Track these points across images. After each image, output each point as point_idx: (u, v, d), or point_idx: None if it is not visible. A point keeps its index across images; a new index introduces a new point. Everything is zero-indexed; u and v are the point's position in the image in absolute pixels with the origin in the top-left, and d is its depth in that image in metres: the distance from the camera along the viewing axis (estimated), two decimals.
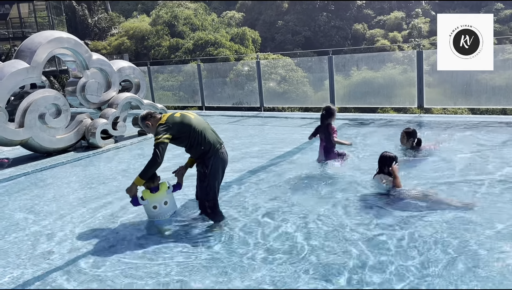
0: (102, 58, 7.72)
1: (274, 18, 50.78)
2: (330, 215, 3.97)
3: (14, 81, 6.36)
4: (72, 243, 3.84)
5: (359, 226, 3.71)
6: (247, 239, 3.63)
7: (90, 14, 46.58)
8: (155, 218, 4.07)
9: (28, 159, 6.89)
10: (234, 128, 8.80)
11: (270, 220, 3.98)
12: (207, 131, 3.99)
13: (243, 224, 3.94)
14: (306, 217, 3.99)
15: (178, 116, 3.98)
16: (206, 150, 3.93)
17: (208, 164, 3.93)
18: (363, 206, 4.14)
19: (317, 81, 10.97)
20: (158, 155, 3.77)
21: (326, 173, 5.19)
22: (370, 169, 4.91)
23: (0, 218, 4.53)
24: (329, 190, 4.63)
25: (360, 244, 3.38)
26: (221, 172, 4.07)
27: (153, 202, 3.98)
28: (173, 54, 40.35)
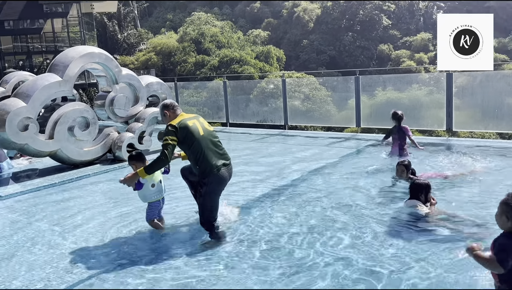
0: (131, 73, 7.87)
1: (299, 37, 51.11)
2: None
3: (46, 94, 6.53)
4: (96, 256, 3.84)
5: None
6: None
7: (120, 30, 47.96)
8: (151, 198, 4.18)
9: (55, 170, 7.01)
10: (258, 145, 8.78)
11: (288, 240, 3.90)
12: (208, 152, 3.98)
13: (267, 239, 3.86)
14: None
15: (190, 124, 3.99)
16: (202, 170, 3.98)
17: (203, 183, 4.00)
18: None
19: (340, 100, 10.92)
20: (166, 155, 3.89)
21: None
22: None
23: (27, 229, 4.57)
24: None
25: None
26: (220, 191, 4.11)
27: (151, 181, 4.14)
28: (198, 70, 40.99)
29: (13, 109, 6.15)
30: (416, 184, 4.35)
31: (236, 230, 4.23)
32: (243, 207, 4.86)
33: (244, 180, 5.97)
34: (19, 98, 6.39)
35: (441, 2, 51.09)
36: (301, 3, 52.87)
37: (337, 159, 7.05)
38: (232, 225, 4.33)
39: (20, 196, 5.76)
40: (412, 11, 50.75)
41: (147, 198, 4.22)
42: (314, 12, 52.32)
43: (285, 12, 53.97)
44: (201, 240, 4.09)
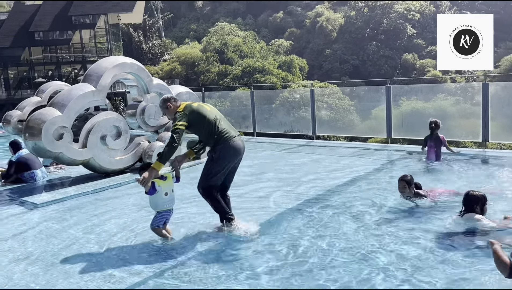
0: (162, 83, 7.95)
1: (322, 47, 50.98)
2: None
3: (81, 103, 6.65)
4: (131, 265, 3.82)
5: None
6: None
7: (145, 40, 48.88)
8: (163, 206, 4.17)
9: (87, 178, 7.09)
10: (287, 155, 8.71)
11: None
12: (220, 122, 4.25)
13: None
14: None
15: (195, 105, 4.31)
16: (218, 138, 4.17)
17: (216, 150, 4.17)
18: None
19: (364, 110, 10.79)
20: (175, 140, 4.03)
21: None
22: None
23: (62, 237, 4.61)
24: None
25: None
26: (229, 162, 4.24)
27: (165, 189, 4.15)
28: (221, 80, 41.32)
29: (49, 118, 6.27)
30: (472, 195, 4.14)
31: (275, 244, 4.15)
32: (275, 219, 4.79)
33: (275, 191, 5.91)
34: (54, 107, 6.51)
35: (467, 10, 50.18)
36: (325, 12, 52.82)
37: (371, 169, 6.92)
38: (254, 238, 4.25)
39: (54, 204, 5.84)
40: (437, 19, 50.01)
41: (159, 206, 4.21)
42: (337, 22, 52.17)
43: (308, 21, 54.00)
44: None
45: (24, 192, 6.49)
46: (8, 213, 5.58)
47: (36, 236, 4.67)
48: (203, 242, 4.25)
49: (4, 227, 5.01)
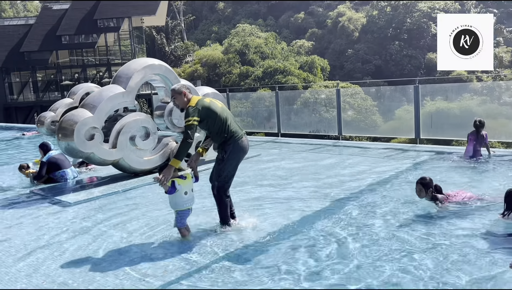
0: (189, 84, 8.01)
1: (344, 47, 50.60)
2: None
3: (111, 105, 6.77)
4: (165, 264, 3.86)
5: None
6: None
7: (168, 42, 49.50)
8: (182, 206, 4.21)
9: (116, 178, 7.21)
10: (314, 156, 8.67)
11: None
12: (230, 121, 4.33)
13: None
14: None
15: (208, 101, 4.36)
16: (228, 137, 4.25)
17: (227, 150, 4.25)
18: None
19: (387, 110, 10.67)
20: (189, 135, 4.10)
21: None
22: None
23: (96, 235, 4.69)
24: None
25: None
26: (238, 161, 4.39)
27: (185, 188, 4.19)
28: (242, 81, 41.48)
29: (80, 120, 6.41)
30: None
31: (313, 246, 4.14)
32: (301, 221, 4.77)
33: (303, 192, 5.89)
34: (85, 108, 6.66)
35: (494, 8, 48.97)
36: (346, 12, 52.41)
37: (401, 170, 6.82)
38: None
39: (87, 203, 5.96)
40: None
41: (178, 205, 4.24)
42: (359, 21, 51.69)
43: (330, 22, 53.68)
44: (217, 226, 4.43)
45: (57, 191, 6.66)
46: (43, 211, 5.72)
47: (70, 234, 4.76)
48: (231, 242, 4.26)
49: (40, 225, 5.14)
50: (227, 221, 4.52)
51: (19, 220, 5.36)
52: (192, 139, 4.14)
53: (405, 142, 13.73)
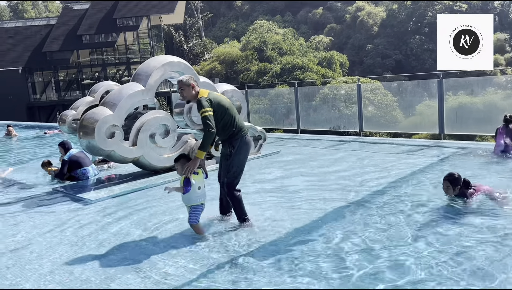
0: (208, 81, 7.99)
1: (363, 42, 49.98)
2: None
3: (130, 102, 6.79)
4: (186, 263, 3.83)
5: None
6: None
7: (186, 40, 49.76)
8: (195, 201, 4.22)
9: (136, 176, 7.24)
10: (334, 153, 8.54)
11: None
12: (237, 116, 4.44)
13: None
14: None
15: (218, 95, 4.52)
16: (235, 131, 4.33)
17: (235, 145, 4.33)
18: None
19: (408, 105, 10.46)
20: (210, 125, 4.15)
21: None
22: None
23: (117, 233, 4.69)
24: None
25: None
26: (246, 157, 4.46)
27: (198, 183, 4.22)
28: (260, 78, 41.39)
29: (101, 118, 6.45)
30: None
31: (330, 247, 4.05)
32: (323, 219, 4.68)
33: (325, 189, 5.79)
34: (106, 106, 6.69)
35: None
36: (365, 7, 51.72)
37: (425, 166, 6.66)
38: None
39: (108, 200, 5.99)
40: (486, 10, 47.80)
41: (192, 200, 4.24)
42: (379, 16, 50.97)
43: (348, 17, 53.09)
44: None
45: (78, 189, 6.72)
46: (65, 209, 5.77)
47: (92, 232, 4.78)
48: (252, 238, 4.20)
49: (62, 223, 5.17)
50: (245, 217, 4.51)
51: (42, 218, 5.42)
52: (214, 128, 4.17)
53: (427, 137, 13.45)
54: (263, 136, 8.56)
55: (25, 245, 4.49)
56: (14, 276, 3.76)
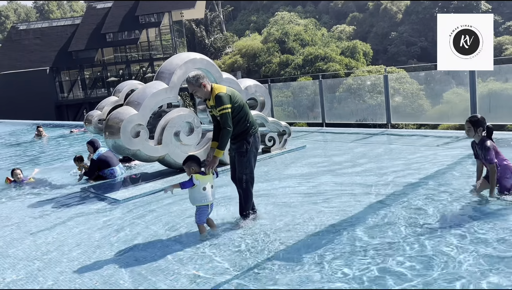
0: (231, 77, 7.91)
1: (387, 30, 48.91)
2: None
3: (154, 101, 6.78)
4: (214, 263, 3.78)
5: None
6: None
7: (207, 35, 49.82)
8: (200, 201, 4.25)
9: (161, 174, 7.25)
10: (362, 146, 8.34)
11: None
12: (250, 114, 4.48)
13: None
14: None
15: (233, 90, 4.49)
16: (249, 127, 4.36)
17: (249, 141, 4.34)
18: None
19: (435, 94, 10.11)
20: (229, 124, 4.17)
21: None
22: None
23: (145, 233, 4.69)
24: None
25: None
26: (257, 151, 4.53)
27: (203, 184, 4.22)
28: (283, 70, 41.06)
29: (126, 117, 6.46)
30: None
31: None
32: (357, 217, 4.54)
33: (353, 185, 5.64)
34: (130, 106, 6.70)
35: None
36: None
37: (460, 158, 6.41)
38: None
39: (135, 200, 6.02)
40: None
41: (197, 200, 4.27)
42: (403, 2, 49.74)
43: (371, 5, 52.02)
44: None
45: (106, 188, 6.78)
46: (93, 209, 5.83)
47: (120, 232, 4.79)
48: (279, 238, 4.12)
49: (91, 224, 5.22)
50: (249, 213, 4.56)
51: (71, 219, 5.48)
52: (231, 126, 4.20)
53: (456, 127, 13.02)
54: (287, 131, 8.44)
55: (56, 247, 4.53)
56: (45, 279, 3.79)
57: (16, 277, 3.88)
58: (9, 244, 4.75)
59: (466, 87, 8.94)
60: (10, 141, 15.80)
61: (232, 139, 4.43)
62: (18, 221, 5.60)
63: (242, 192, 4.51)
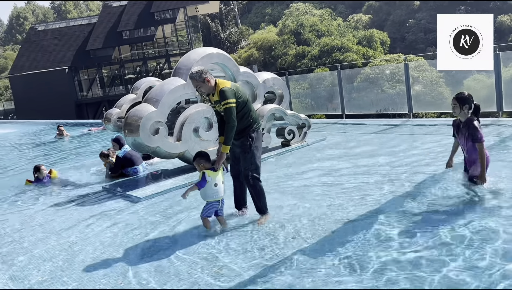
0: (248, 70, 7.82)
1: (404, 17, 47.96)
2: None
3: (173, 98, 6.75)
4: (239, 262, 3.71)
5: None
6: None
7: (222, 29, 49.73)
8: (212, 197, 4.30)
9: (181, 171, 7.22)
10: (384, 136, 8.16)
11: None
12: (254, 109, 4.47)
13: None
14: None
15: (238, 85, 4.52)
16: (252, 122, 4.35)
17: (253, 136, 4.33)
18: None
19: (455, 81, 9.83)
20: (233, 119, 4.16)
21: None
22: None
23: (167, 231, 4.66)
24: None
25: None
26: (261, 146, 4.51)
27: (215, 180, 4.26)
28: (299, 61, 40.67)
29: (145, 114, 6.44)
30: None
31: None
32: (381, 209, 4.42)
33: (377, 177, 5.50)
34: (149, 103, 6.68)
35: None
36: None
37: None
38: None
39: (156, 198, 6.01)
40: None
41: (208, 196, 4.32)
42: None
43: None
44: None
45: (127, 186, 6.79)
46: (115, 207, 5.84)
47: (142, 230, 4.77)
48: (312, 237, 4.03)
49: (113, 222, 5.22)
50: (266, 210, 4.50)
51: (94, 217, 5.50)
52: (236, 121, 4.18)
53: (499, 115, 12.67)
54: (307, 123, 8.31)
55: (80, 247, 4.53)
56: (70, 280, 3.79)
57: (41, 279, 3.90)
58: (33, 245, 4.78)
59: (487, 73, 8.66)
60: (34, 141, 16.01)
61: (235, 135, 4.36)
62: (42, 221, 5.65)
63: (251, 190, 4.47)
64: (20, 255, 4.48)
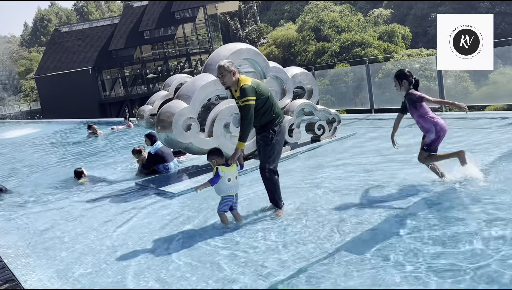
0: (277, 65, 7.77)
1: (427, 11, 46.97)
2: None
3: (204, 94, 6.76)
4: (278, 254, 3.69)
5: None
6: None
7: (242, 27, 49.80)
8: (226, 192, 4.38)
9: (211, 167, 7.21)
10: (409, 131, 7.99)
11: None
12: (277, 104, 4.50)
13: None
14: None
15: (259, 81, 4.53)
16: (275, 117, 4.40)
17: (275, 130, 4.39)
18: None
19: (480, 75, 9.57)
20: (250, 117, 4.23)
21: None
22: None
23: (202, 227, 4.66)
24: None
25: None
26: (283, 140, 4.57)
27: (228, 175, 4.34)
28: (319, 58, 40.38)
29: (177, 111, 6.47)
30: None
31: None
32: (418, 207, 4.32)
33: (411, 174, 5.39)
34: (181, 99, 6.71)
35: None
36: None
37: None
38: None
39: (190, 193, 6.02)
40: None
41: (222, 191, 4.40)
42: None
43: None
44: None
45: (160, 182, 6.83)
46: (150, 203, 5.88)
47: (179, 226, 4.78)
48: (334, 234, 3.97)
49: (150, 218, 5.26)
50: (281, 203, 4.59)
51: (130, 213, 5.54)
52: (252, 119, 4.26)
53: (504, 109, 12.34)
54: (337, 118, 8.22)
55: (120, 242, 4.57)
56: (115, 273, 3.83)
57: (84, 271, 3.95)
58: (74, 239, 4.85)
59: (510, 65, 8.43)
60: (68, 139, 16.18)
61: (258, 129, 4.50)
62: (80, 216, 5.74)
63: (267, 183, 4.53)
64: (63, 251, 4.55)
